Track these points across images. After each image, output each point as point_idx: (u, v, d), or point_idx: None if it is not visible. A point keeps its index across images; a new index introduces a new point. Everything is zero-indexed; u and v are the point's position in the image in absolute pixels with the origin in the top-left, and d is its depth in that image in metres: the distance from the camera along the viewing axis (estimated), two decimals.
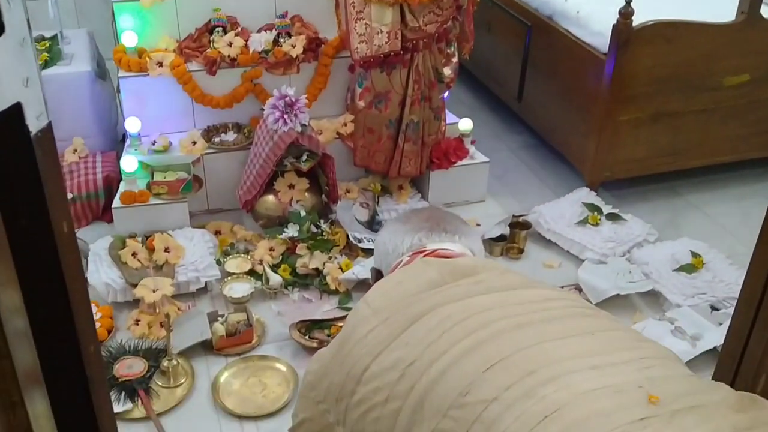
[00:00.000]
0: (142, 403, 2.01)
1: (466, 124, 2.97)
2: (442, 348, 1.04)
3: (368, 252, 2.55)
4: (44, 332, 0.90)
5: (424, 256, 1.29)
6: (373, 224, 2.77)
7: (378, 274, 1.42)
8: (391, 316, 1.13)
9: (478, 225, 2.86)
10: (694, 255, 2.56)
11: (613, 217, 2.77)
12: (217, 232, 2.71)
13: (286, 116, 2.51)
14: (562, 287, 2.44)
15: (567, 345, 1.03)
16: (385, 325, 1.12)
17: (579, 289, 2.43)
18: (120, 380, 2.06)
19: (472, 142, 3.01)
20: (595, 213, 2.77)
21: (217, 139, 2.81)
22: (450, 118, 3.01)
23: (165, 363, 2.09)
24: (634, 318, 2.38)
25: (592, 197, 2.88)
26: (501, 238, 2.70)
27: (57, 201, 0.84)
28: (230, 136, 2.83)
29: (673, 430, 0.91)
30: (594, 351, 1.02)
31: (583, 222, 2.75)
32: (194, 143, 2.75)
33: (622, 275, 2.49)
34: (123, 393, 2.03)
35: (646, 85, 2.76)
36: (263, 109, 2.57)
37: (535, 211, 2.82)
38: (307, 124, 2.57)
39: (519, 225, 2.74)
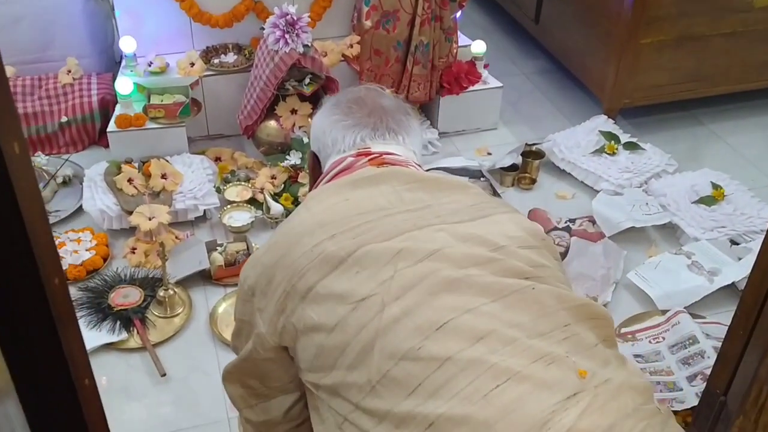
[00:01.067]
0: (137, 332, 1.96)
1: (479, 47, 2.81)
2: (394, 292, 1.01)
3: None
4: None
5: (370, 160, 1.22)
6: None
7: (315, 159, 1.33)
8: (338, 234, 1.07)
9: (490, 154, 2.74)
10: (715, 187, 2.44)
11: (630, 146, 2.64)
12: (217, 159, 2.61)
13: (287, 36, 2.37)
14: (575, 220, 2.34)
15: (510, 309, 1.02)
16: (331, 242, 1.06)
17: (593, 221, 2.32)
18: (115, 309, 2.00)
19: (485, 66, 2.86)
20: (612, 142, 2.64)
21: (216, 61, 2.67)
22: (462, 40, 2.85)
23: (161, 293, 2.02)
24: (649, 251, 2.29)
25: (609, 125, 2.75)
26: (513, 167, 2.59)
27: (4, 118, 0.75)
28: (230, 58, 2.69)
29: (605, 407, 0.96)
30: (528, 316, 1.02)
31: (599, 151, 2.62)
32: (192, 65, 2.62)
33: (638, 207, 2.38)
34: (118, 322, 1.98)
35: (670, 5, 2.58)
36: (263, 29, 2.43)
37: (549, 139, 2.69)
38: (310, 44, 2.43)
39: (532, 154, 2.62)
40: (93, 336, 1.94)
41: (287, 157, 2.47)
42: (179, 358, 1.92)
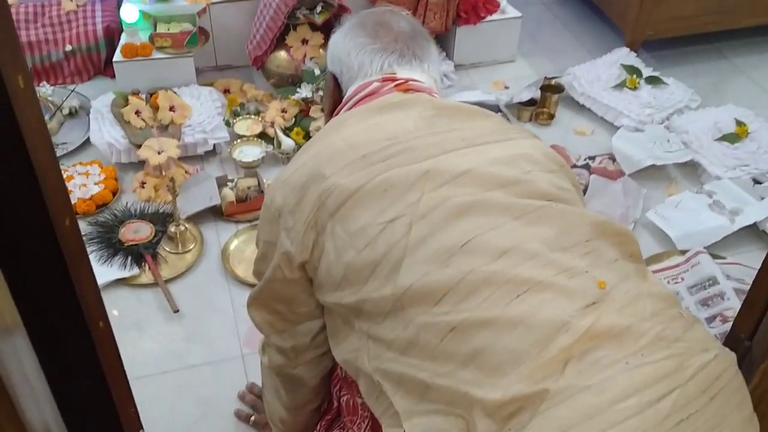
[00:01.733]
0: (149, 268, 1.94)
1: None
2: (421, 212, 1.02)
3: None
4: (8, 206, 0.78)
5: (396, 86, 1.20)
6: None
7: (335, 81, 1.28)
8: (369, 155, 1.07)
9: (507, 87, 2.66)
10: (739, 123, 2.36)
11: (653, 80, 2.55)
12: (226, 91, 2.53)
13: None
14: (594, 157, 2.28)
15: (532, 225, 1.03)
16: (363, 162, 1.06)
17: (612, 159, 2.26)
18: (126, 244, 1.97)
19: None
20: (634, 76, 2.55)
21: None
22: None
23: (172, 228, 1.99)
24: (669, 190, 2.23)
25: (631, 58, 2.65)
26: (531, 102, 2.51)
27: (7, 49, 0.69)
28: None
29: (623, 311, 0.97)
30: (550, 232, 1.04)
31: (621, 85, 2.54)
32: None
33: (659, 144, 2.32)
34: (129, 258, 1.95)
35: None
36: None
37: (569, 73, 2.60)
38: None
39: (550, 88, 2.54)
40: (104, 271, 1.92)
41: (298, 89, 2.40)
42: (191, 294, 1.90)
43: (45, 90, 2.45)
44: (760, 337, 1.27)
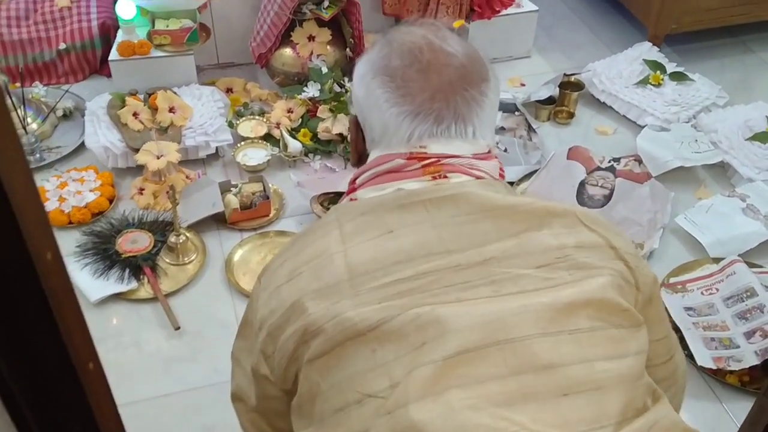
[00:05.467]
0: (148, 281, 1.82)
1: None
2: (410, 394, 0.80)
3: None
4: None
5: (423, 166, 0.93)
6: None
7: (357, 127, 1.03)
8: (363, 293, 0.85)
9: (523, 85, 2.54)
10: None
11: (677, 76, 2.42)
12: (229, 90, 2.41)
13: None
14: (619, 159, 2.15)
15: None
16: (353, 302, 0.85)
17: (639, 160, 2.13)
18: (123, 256, 1.85)
19: None
20: (658, 72, 2.42)
21: None
22: None
23: (172, 238, 1.87)
24: (698, 193, 2.11)
25: (654, 53, 2.52)
26: (549, 100, 2.38)
27: None
28: None
29: None
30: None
31: (644, 82, 2.41)
32: None
33: (687, 144, 2.19)
34: (127, 270, 1.83)
35: None
36: None
37: (589, 69, 2.48)
38: None
39: (570, 85, 2.42)
40: (100, 285, 1.80)
41: (305, 88, 2.27)
42: (194, 309, 1.78)
43: (38, 91, 2.33)
44: None
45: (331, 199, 2.04)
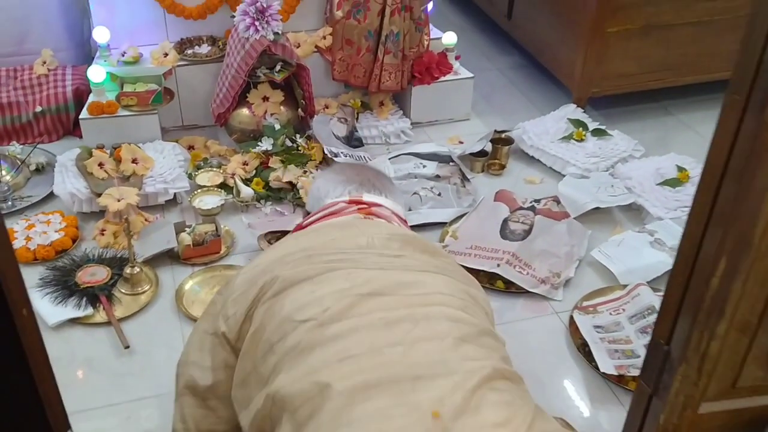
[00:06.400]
0: (103, 308, 1.98)
1: (449, 38, 2.86)
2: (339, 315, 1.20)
3: None
4: None
5: (359, 208, 1.49)
6: (351, 140, 2.69)
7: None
8: (314, 256, 1.31)
9: (461, 142, 2.78)
10: (680, 169, 2.47)
11: (598, 132, 2.68)
12: (191, 147, 2.64)
13: (257, 23, 2.41)
14: (540, 200, 2.37)
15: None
16: (307, 260, 1.30)
17: (557, 201, 2.35)
18: (82, 286, 2.02)
19: (457, 58, 2.90)
20: (581, 129, 2.67)
21: (190, 52, 2.72)
22: (434, 33, 2.90)
23: (128, 270, 2.04)
24: (613, 232, 2.31)
25: (578, 114, 2.79)
26: (482, 154, 2.62)
27: None
28: (204, 49, 2.74)
29: None
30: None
31: (568, 138, 2.66)
32: (166, 55, 2.66)
33: (604, 189, 2.41)
34: (84, 299, 1.99)
35: None
36: (234, 16, 2.47)
37: (519, 127, 2.73)
38: (280, 32, 2.47)
39: (501, 141, 2.66)
40: (58, 311, 1.95)
41: (259, 143, 2.50)
42: (144, 332, 1.94)
43: (14, 148, 2.54)
44: (677, 339, 1.33)
45: (278, 237, 2.23)
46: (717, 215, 1.22)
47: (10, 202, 2.34)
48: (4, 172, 2.43)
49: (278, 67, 2.54)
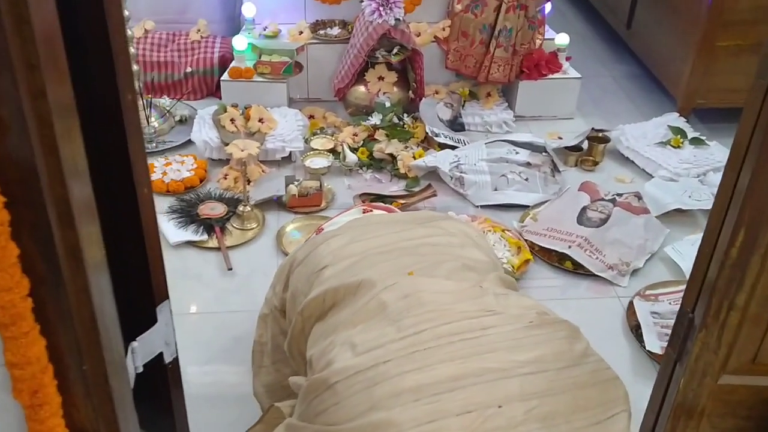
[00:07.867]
0: (216, 236, 2.30)
1: (562, 39, 3.01)
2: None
3: (443, 147, 2.70)
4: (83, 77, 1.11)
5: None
6: (454, 124, 2.91)
7: None
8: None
9: (560, 138, 2.91)
10: None
11: (696, 141, 2.74)
12: (311, 116, 2.94)
13: (381, 9, 2.69)
14: (622, 194, 2.48)
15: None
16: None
17: (638, 196, 2.45)
18: (201, 217, 2.36)
19: (568, 59, 3.04)
20: (679, 136, 2.75)
21: (322, 32, 3.03)
22: (549, 33, 3.06)
23: (241, 208, 2.36)
24: (693, 235, 2.39)
25: (680, 122, 2.85)
26: (577, 148, 2.75)
27: (123, 75, 1.04)
28: (335, 31, 3.04)
29: None
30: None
31: (665, 143, 2.74)
32: (301, 33, 2.99)
33: (689, 192, 2.49)
34: (202, 227, 2.33)
35: (747, 11, 2.69)
36: (362, 1, 2.75)
37: (619, 128, 2.84)
38: (401, 18, 2.73)
39: (598, 139, 2.78)
40: (180, 233, 2.30)
41: (369, 117, 2.77)
42: (246, 260, 2.25)
43: (164, 101, 2.95)
44: (699, 308, 1.46)
45: (372, 199, 2.48)
46: (739, 191, 1.35)
47: (154, 144, 2.74)
48: (153, 119, 2.84)
49: (395, 50, 2.80)
